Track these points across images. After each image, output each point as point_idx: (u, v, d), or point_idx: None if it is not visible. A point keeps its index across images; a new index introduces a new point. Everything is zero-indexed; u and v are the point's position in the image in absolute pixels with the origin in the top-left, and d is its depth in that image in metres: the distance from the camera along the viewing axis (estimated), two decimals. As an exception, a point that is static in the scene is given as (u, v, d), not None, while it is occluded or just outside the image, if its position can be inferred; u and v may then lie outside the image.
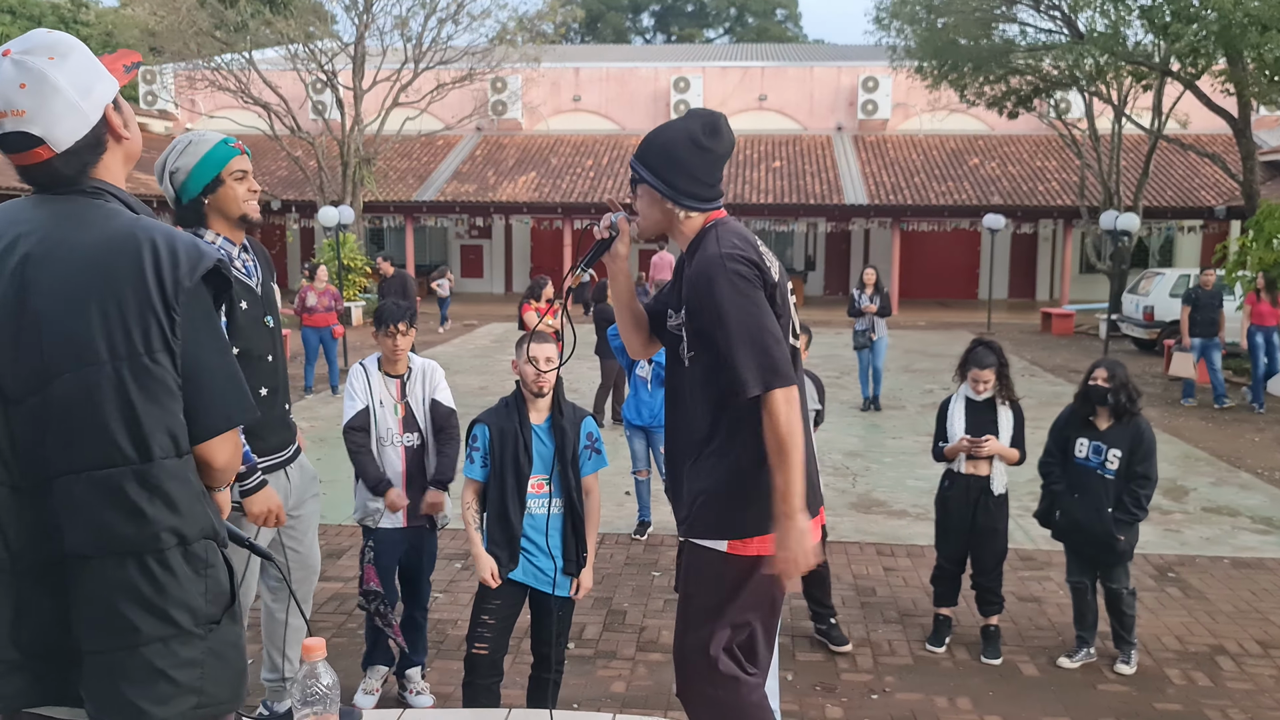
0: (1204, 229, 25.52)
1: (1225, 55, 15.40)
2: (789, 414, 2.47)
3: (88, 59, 1.88)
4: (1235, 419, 11.75)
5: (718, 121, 2.65)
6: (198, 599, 1.81)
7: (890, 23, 21.09)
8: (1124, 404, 4.69)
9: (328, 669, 2.05)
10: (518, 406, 3.78)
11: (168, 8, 21.30)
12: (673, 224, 2.70)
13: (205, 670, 1.82)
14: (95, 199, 1.86)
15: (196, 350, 1.80)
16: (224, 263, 1.86)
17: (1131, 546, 4.78)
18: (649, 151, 2.68)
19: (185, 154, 3.12)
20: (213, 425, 1.83)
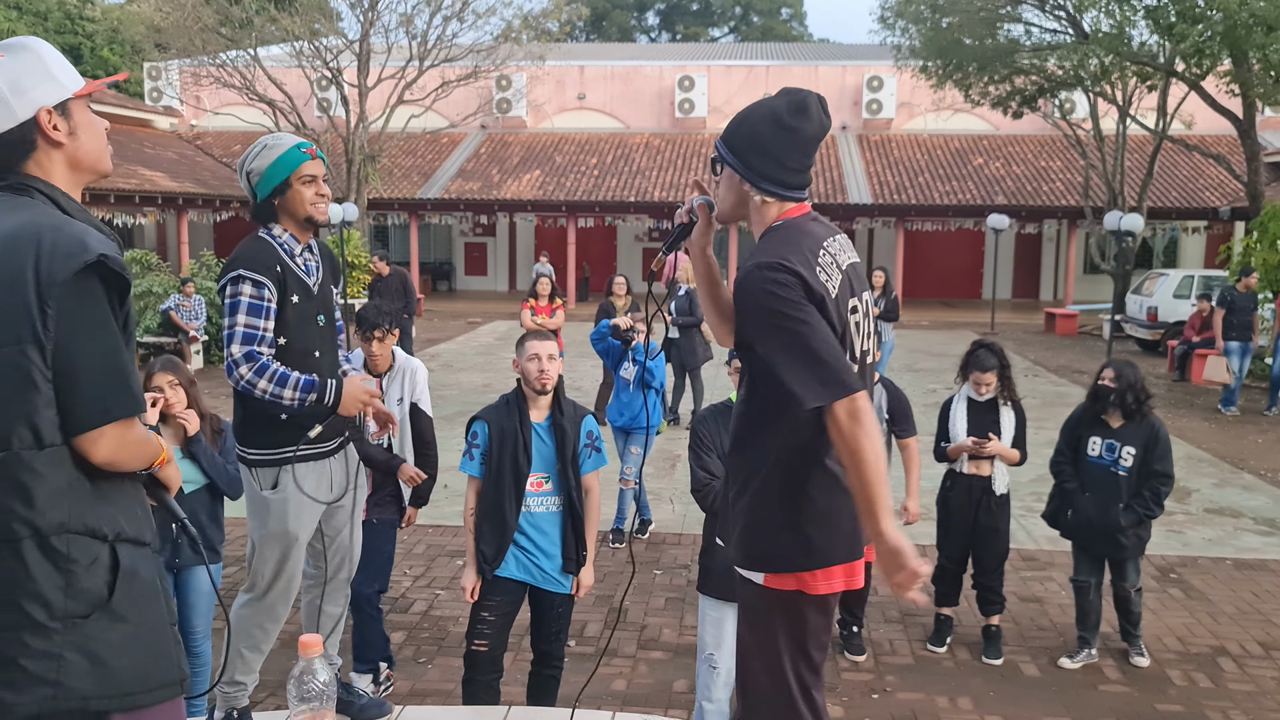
0: (1208, 230, 25.48)
1: (1230, 56, 15.37)
2: (854, 428, 2.24)
3: (36, 62, 1.96)
4: (1239, 421, 11.74)
5: (807, 100, 2.45)
6: (53, 593, 1.81)
7: (895, 22, 21.05)
8: (1131, 404, 4.70)
9: (324, 666, 2.06)
10: (518, 404, 3.78)
11: (173, 4, 21.32)
12: (749, 210, 2.52)
13: (63, 664, 1.81)
14: (19, 194, 1.92)
15: (72, 344, 1.81)
16: (111, 259, 1.85)
17: (1142, 543, 4.80)
18: (734, 131, 2.50)
19: (260, 157, 3.27)
20: (88, 419, 1.83)
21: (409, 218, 26.48)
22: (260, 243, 3.27)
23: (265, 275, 3.19)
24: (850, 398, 2.24)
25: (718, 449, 3.64)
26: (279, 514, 3.32)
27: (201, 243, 25.63)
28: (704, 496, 3.61)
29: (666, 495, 7.70)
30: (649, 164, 27.36)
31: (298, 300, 3.28)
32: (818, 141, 2.49)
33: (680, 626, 5.18)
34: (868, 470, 2.24)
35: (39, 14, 36.25)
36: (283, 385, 3.16)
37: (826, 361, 2.26)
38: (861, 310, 2.49)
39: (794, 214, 2.50)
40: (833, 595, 2.47)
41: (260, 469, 3.33)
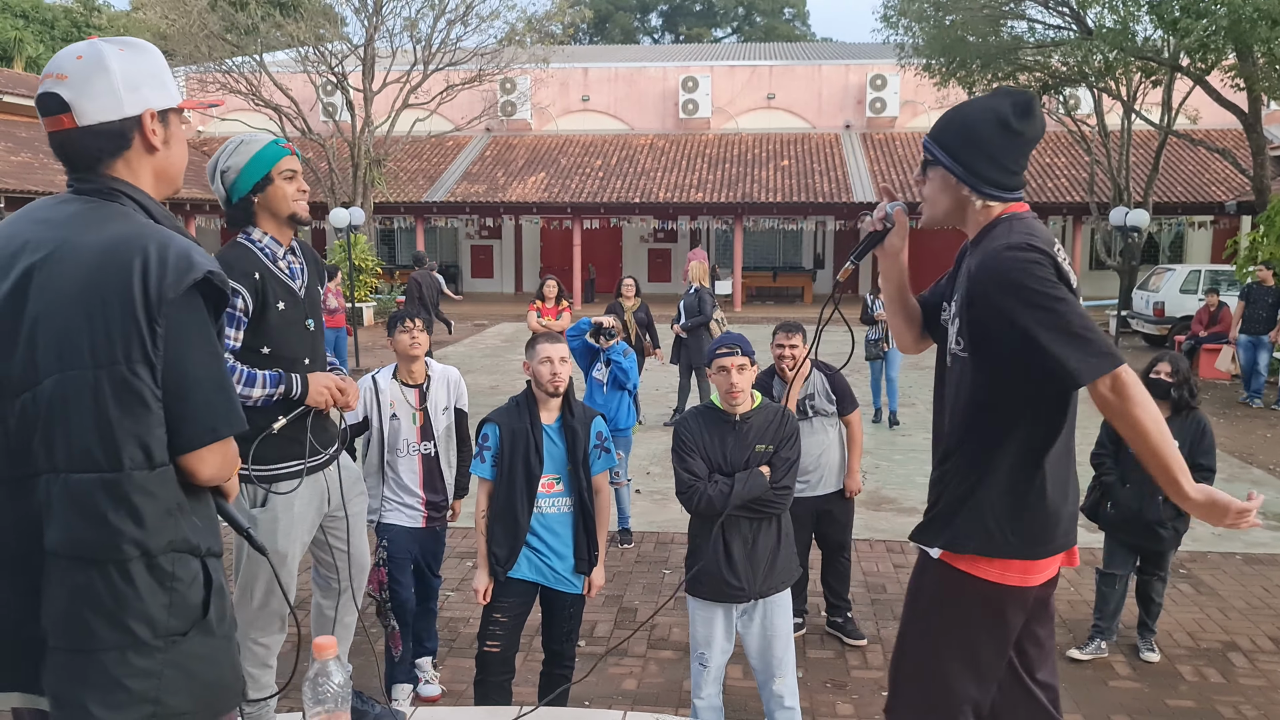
0: (1214, 224, 25.43)
1: (1235, 50, 15.33)
2: (1123, 401, 2.18)
3: (154, 63, 1.95)
4: (1248, 415, 11.71)
5: (1031, 102, 2.37)
6: (158, 611, 1.80)
7: (898, 20, 21.02)
8: (1186, 398, 4.75)
9: (339, 667, 2.07)
10: (529, 406, 3.79)
11: (179, 11, 21.42)
12: (965, 213, 2.44)
13: (163, 681, 1.81)
14: (110, 201, 1.88)
15: (181, 362, 1.79)
16: (216, 275, 1.83)
17: (1179, 536, 4.83)
18: (947, 131, 2.41)
19: (236, 154, 3.17)
20: (196, 437, 1.82)
21: (415, 221, 26.53)
22: (238, 248, 3.15)
23: (241, 282, 3.08)
24: (1122, 368, 2.20)
25: (701, 451, 3.65)
26: (268, 533, 3.22)
27: (209, 248, 25.43)
28: (690, 498, 3.64)
29: (674, 495, 7.70)
30: (654, 165, 27.38)
31: (283, 306, 3.18)
32: (1037, 143, 2.42)
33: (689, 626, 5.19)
34: (1152, 438, 2.20)
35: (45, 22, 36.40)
36: (251, 385, 3.08)
37: (1092, 338, 2.21)
38: None
39: (1015, 210, 2.43)
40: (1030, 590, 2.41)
41: (248, 486, 3.21)
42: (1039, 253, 2.26)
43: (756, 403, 3.73)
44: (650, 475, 8.50)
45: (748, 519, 3.62)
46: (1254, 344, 12.34)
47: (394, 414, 4.21)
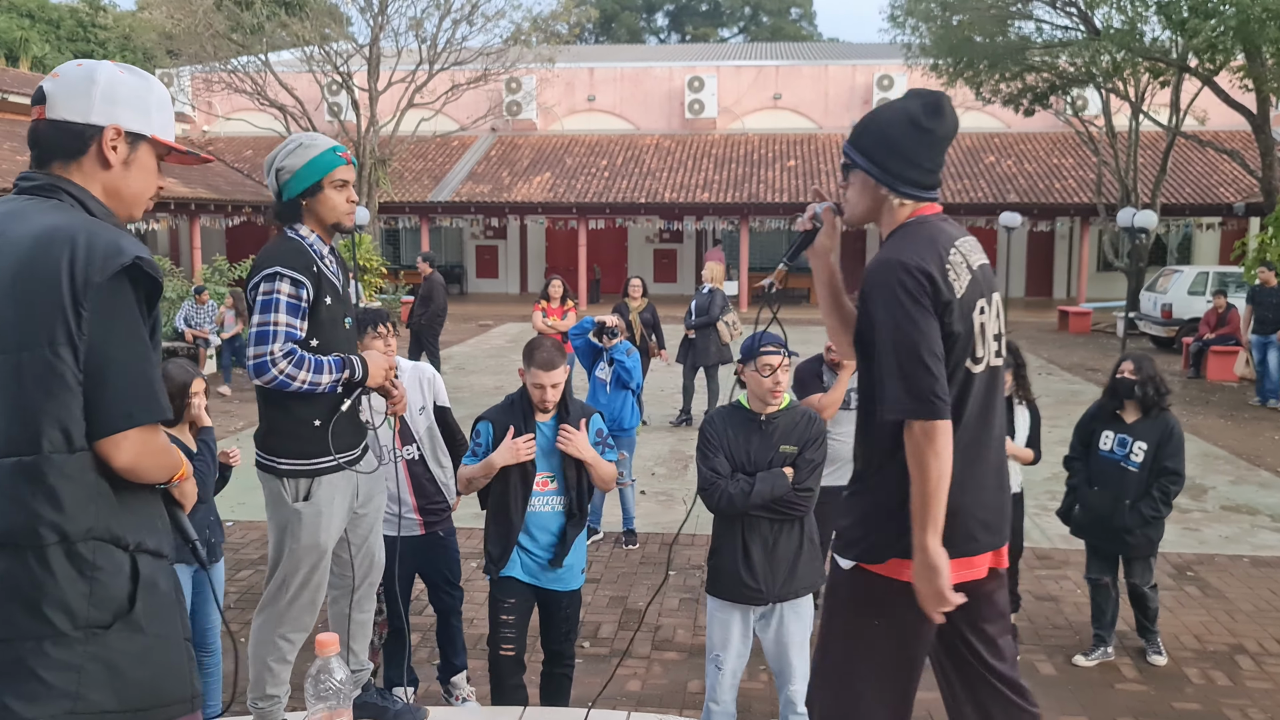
0: (1223, 226, 25.34)
1: (1243, 50, 15.28)
2: (925, 448, 2.29)
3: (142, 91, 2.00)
4: (1256, 417, 11.66)
5: (940, 101, 2.45)
6: (77, 600, 1.78)
7: (905, 20, 21.00)
8: (1152, 396, 4.69)
9: (340, 664, 2.06)
10: (523, 405, 3.78)
11: (184, 11, 21.43)
12: (882, 212, 2.51)
13: (82, 676, 1.78)
14: (50, 197, 1.92)
15: (104, 346, 1.80)
16: (146, 262, 1.84)
17: (1153, 543, 4.76)
18: (864, 134, 2.49)
19: (294, 155, 3.17)
20: (111, 422, 1.81)
21: (420, 221, 26.54)
22: (293, 243, 3.17)
23: (304, 274, 3.11)
24: (932, 422, 2.29)
25: (725, 450, 3.64)
26: (311, 527, 3.23)
27: (214, 248, 25.74)
28: (711, 496, 3.60)
29: (679, 496, 7.69)
30: (659, 165, 27.36)
31: (330, 302, 3.21)
32: (949, 141, 2.50)
33: (694, 627, 5.17)
34: (928, 487, 2.30)
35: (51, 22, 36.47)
36: (320, 372, 3.10)
37: (922, 376, 2.29)
38: (989, 312, 2.50)
39: (926, 212, 2.51)
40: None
41: (292, 479, 3.22)
42: (919, 272, 2.34)
43: (785, 403, 3.71)
44: (655, 476, 8.47)
45: (769, 520, 3.59)
46: (1264, 344, 12.31)
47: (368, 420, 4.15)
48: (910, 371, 2.31)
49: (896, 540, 2.38)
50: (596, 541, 6.59)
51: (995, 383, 2.52)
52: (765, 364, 3.58)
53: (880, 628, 2.46)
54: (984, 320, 2.47)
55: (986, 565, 2.51)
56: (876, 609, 2.46)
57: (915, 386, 2.30)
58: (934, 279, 2.34)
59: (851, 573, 2.48)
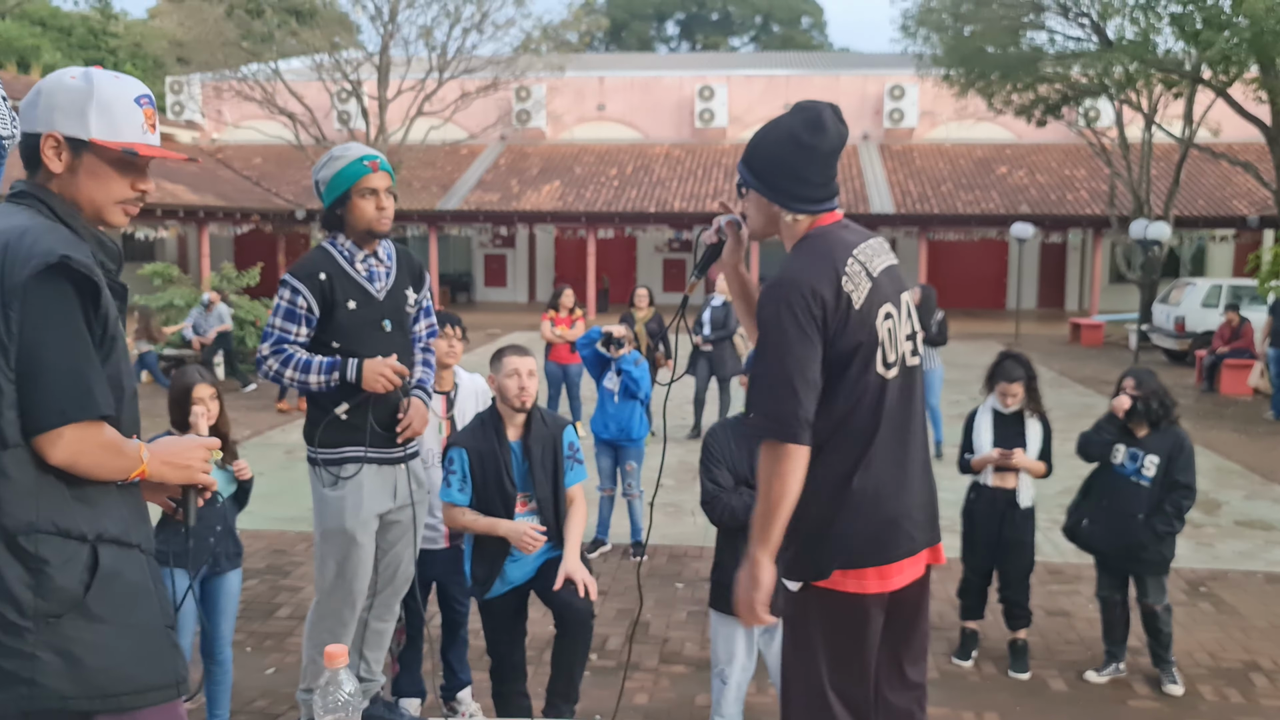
0: (1236, 238, 25.23)
1: (1257, 62, 15.21)
2: (774, 469, 2.36)
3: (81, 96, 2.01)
4: (1270, 432, 11.57)
5: (821, 114, 2.48)
6: (23, 591, 1.82)
7: (917, 30, 20.99)
8: (1156, 411, 4.61)
9: (349, 676, 2.03)
10: (494, 425, 3.72)
11: (195, 19, 21.54)
12: (780, 228, 2.56)
13: (36, 663, 1.83)
14: (18, 203, 2.00)
15: (34, 346, 1.83)
16: (75, 260, 1.86)
17: (1165, 560, 4.68)
18: (753, 154, 2.54)
19: (326, 167, 3.39)
20: (44, 419, 1.84)
21: (428, 229, 26.58)
22: (315, 252, 3.42)
23: (304, 283, 3.34)
24: (787, 446, 2.35)
25: (728, 462, 3.61)
26: (335, 511, 3.39)
27: (222, 255, 25.83)
28: (713, 508, 3.57)
29: (688, 508, 7.65)
30: (669, 174, 27.37)
31: (354, 306, 3.38)
32: (838, 152, 2.51)
33: (702, 640, 5.12)
34: (770, 505, 2.37)
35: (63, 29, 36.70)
36: (307, 371, 3.31)
37: (786, 400, 2.34)
38: (898, 315, 2.49)
39: (825, 222, 2.52)
40: (866, 596, 2.45)
41: (323, 467, 3.41)
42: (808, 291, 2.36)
43: None
44: (663, 487, 8.43)
45: None
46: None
47: None
48: (777, 394, 2.36)
49: (835, 554, 2.42)
50: (604, 553, 6.54)
51: (913, 382, 2.54)
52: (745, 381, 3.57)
53: (839, 638, 2.48)
54: (891, 325, 2.47)
55: (924, 563, 2.56)
56: (832, 621, 2.48)
57: (777, 409, 2.35)
58: (824, 299, 2.36)
59: (802, 593, 2.50)
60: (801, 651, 2.54)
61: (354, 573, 3.44)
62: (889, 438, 2.45)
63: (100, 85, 2.03)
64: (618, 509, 6.81)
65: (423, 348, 3.72)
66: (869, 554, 2.43)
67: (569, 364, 9.95)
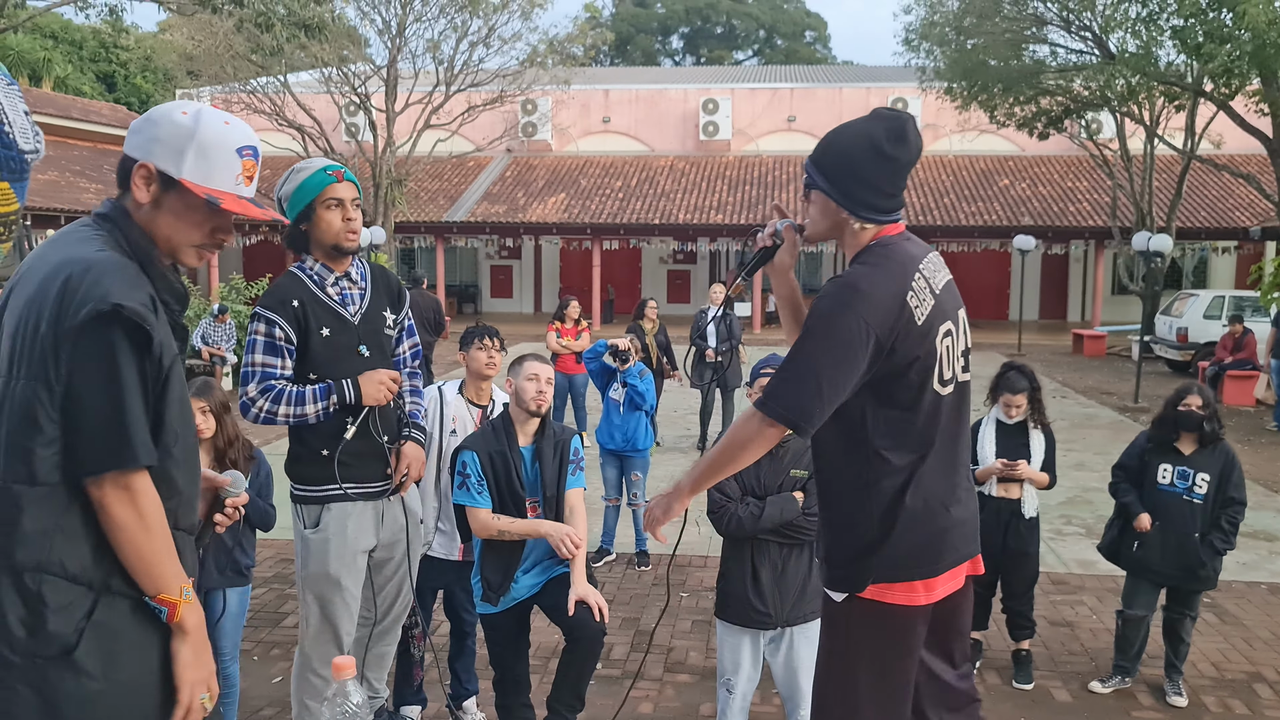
0: (1239, 250, 25.23)
1: (1259, 75, 15.25)
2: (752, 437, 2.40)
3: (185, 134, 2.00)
4: (1273, 442, 11.57)
5: (904, 126, 2.40)
6: (15, 625, 1.79)
7: (919, 44, 21.05)
8: (1216, 429, 4.61)
9: (357, 688, 2.06)
10: (505, 430, 3.74)
11: (205, 32, 21.66)
12: (843, 234, 2.50)
13: (14, 697, 1.79)
14: (96, 228, 1.98)
15: (77, 391, 1.81)
16: (127, 309, 1.82)
17: (1217, 575, 4.67)
18: (825, 155, 2.46)
19: (288, 182, 3.18)
20: (87, 465, 1.82)
21: (435, 241, 26.66)
22: (286, 277, 3.16)
23: (277, 312, 3.09)
24: (776, 428, 2.36)
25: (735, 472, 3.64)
26: (319, 555, 3.20)
27: (231, 266, 25.92)
28: (719, 519, 3.60)
29: (692, 518, 7.68)
30: (673, 186, 27.44)
31: (328, 333, 3.15)
32: (913, 165, 2.46)
33: (706, 650, 5.15)
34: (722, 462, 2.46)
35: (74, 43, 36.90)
36: (302, 404, 3.08)
37: (809, 394, 2.31)
38: (956, 332, 2.49)
39: (890, 232, 2.48)
40: (913, 608, 2.45)
41: (304, 506, 3.23)
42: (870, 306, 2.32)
43: None
44: (668, 497, 8.45)
45: (778, 544, 3.58)
46: None
47: (454, 429, 4.07)
48: (803, 383, 2.33)
49: (885, 566, 2.41)
50: (609, 563, 6.58)
51: (965, 397, 2.54)
52: (760, 385, 3.60)
53: (882, 650, 2.47)
54: (949, 343, 2.46)
55: (965, 573, 2.56)
56: (877, 632, 2.47)
57: (796, 396, 2.33)
58: (891, 315, 2.33)
59: (846, 603, 2.49)
60: (840, 661, 2.53)
61: (339, 616, 3.28)
62: (942, 452, 2.44)
63: (205, 127, 2.01)
64: (623, 519, 6.85)
65: (409, 373, 3.53)
66: (918, 566, 2.42)
67: (574, 374, 9.99)
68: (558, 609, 3.65)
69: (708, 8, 58.43)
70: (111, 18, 19.82)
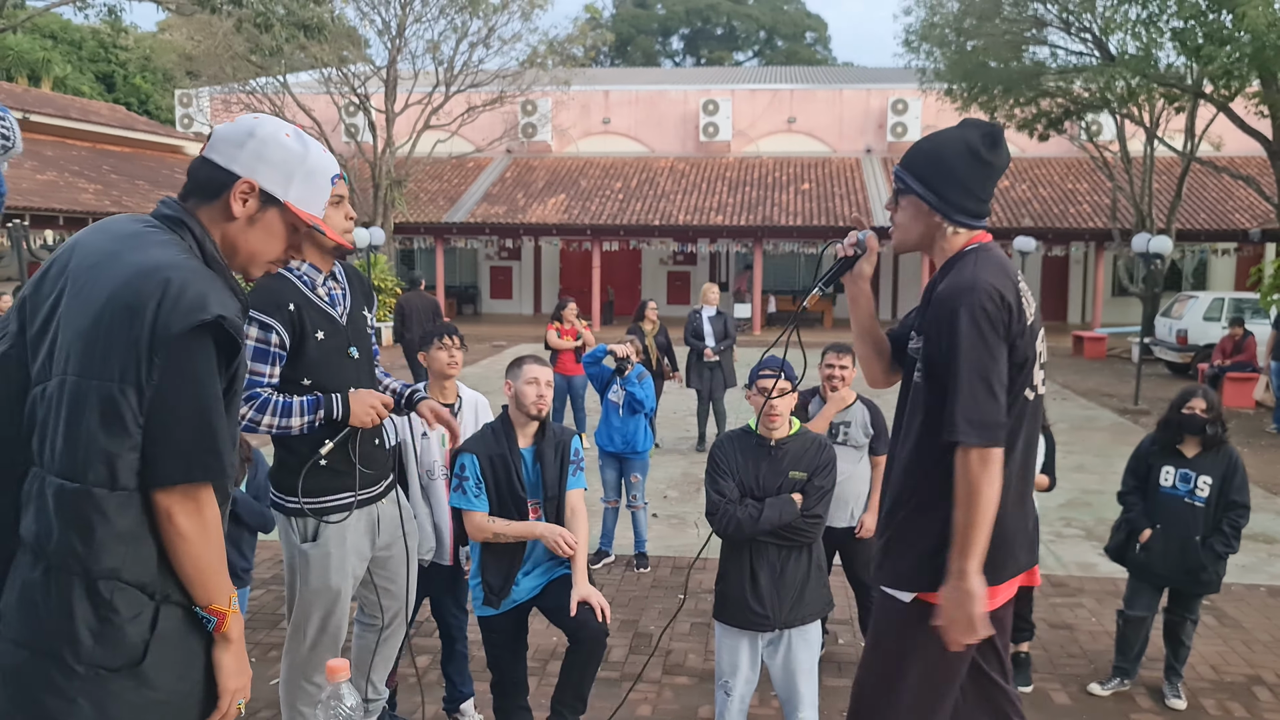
0: (1238, 252, 25.25)
1: (1259, 77, 15.26)
2: (980, 474, 2.31)
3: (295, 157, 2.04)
4: (1272, 444, 11.57)
5: (998, 133, 2.48)
6: (85, 634, 1.78)
7: (919, 45, 21.06)
8: (1220, 433, 4.60)
9: (351, 690, 2.05)
10: (505, 431, 3.73)
11: (205, 33, 21.68)
12: (934, 240, 2.53)
13: (75, 709, 1.78)
14: (172, 230, 1.95)
15: (169, 399, 1.80)
16: (228, 321, 1.83)
17: (1220, 579, 4.67)
18: (919, 159, 2.51)
19: None
20: (166, 475, 1.81)
21: (435, 242, 26.66)
22: (276, 278, 3.04)
23: (273, 317, 2.98)
24: (990, 450, 2.31)
25: (734, 474, 3.62)
26: (320, 569, 3.13)
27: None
28: (718, 520, 3.58)
29: (692, 519, 7.67)
30: (673, 187, 27.45)
31: (323, 336, 3.08)
32: (1003, 173, 2.51)
33: (705, 652, 5.15)
34: (976, 515, 2.31)
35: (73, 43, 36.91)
36: (288, 415, 2.99)
37: (990, 404, 2.30)
38: (1043, 340, 2.53)
39: (980, 240, 2.51)
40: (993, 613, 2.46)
41: (299, 519, 3.14)
42: (996, 299, 2.34)
43: (795, 429, 3.69)
44: (667, 499, 8.46)
45: (776, 546, 3.57)
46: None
47: (425, 432, 4.03)
48: (977, 397, 2.31)
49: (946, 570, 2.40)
50: (608, 565, 6.58)
51: (1040, 407, 2.57)
52: (761, 387, 3.60)
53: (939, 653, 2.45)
54: (1042, 348, 2.50)
55: (1018, 583, 2.57)
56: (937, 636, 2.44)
57: (980, 412, 2.30)
58: (1010, 305, 2.35)
59: (913, 605, 2.48)
60: (893, 661, 2.52)
61: (339, 624, 3.24)
62: (1021, 457, 2.45)
63: (313, 154, 2.07)
64: (621, 521, 6.85)
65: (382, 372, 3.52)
66: (989, 572, 2.40)
67: (574, 375, 10.00)
68: (559, 610, 3.65)
69: (708, 9, 58.47)
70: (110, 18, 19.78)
